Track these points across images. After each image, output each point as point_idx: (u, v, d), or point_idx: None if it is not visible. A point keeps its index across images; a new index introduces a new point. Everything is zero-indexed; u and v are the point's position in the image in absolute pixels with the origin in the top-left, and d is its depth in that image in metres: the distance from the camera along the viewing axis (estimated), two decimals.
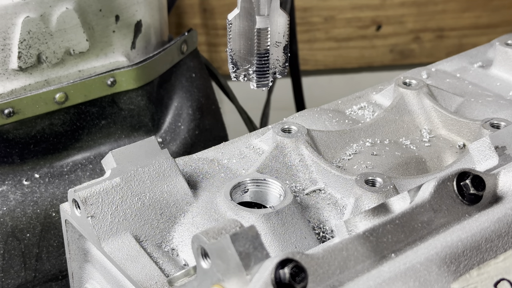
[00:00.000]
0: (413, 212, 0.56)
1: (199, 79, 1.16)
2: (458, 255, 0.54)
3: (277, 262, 0.47)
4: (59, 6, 0.95)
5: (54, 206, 0.98)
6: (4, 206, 0.95)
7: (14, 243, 0.95)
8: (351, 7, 2.09)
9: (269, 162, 0.76)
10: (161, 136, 1.10)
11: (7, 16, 0.92)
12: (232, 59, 0.62)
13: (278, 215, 0.67)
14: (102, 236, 0.66)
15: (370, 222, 0.57)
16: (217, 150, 0.81)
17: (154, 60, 1.06)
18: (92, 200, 0.67)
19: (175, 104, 1.13)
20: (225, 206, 0.69)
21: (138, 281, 0.63)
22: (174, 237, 0.69)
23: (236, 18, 0.60)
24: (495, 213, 0.58)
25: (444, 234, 0.56)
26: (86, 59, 1.01)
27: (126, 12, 1.03)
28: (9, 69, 0.95)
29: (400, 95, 0.86)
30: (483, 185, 0.58)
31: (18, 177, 0.98)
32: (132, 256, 0.65)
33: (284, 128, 0.78)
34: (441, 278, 0.52)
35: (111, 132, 1.05)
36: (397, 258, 0.53)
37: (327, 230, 0.71)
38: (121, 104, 1.04)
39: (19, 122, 0.96)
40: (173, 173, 0.71)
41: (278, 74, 0.63)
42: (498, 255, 0.55)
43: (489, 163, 0.65)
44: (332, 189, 0.74)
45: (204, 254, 0.51)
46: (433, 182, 0.57)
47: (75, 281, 0.77)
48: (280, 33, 0.62)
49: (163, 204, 0.70)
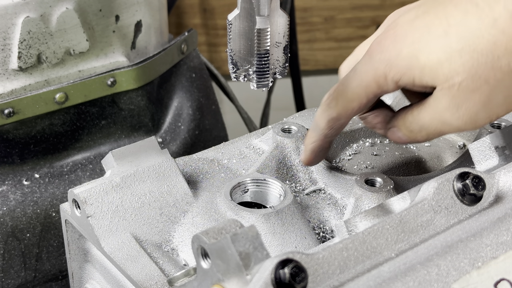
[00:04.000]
0: (413, 212, 0.56)
1: (199, 79, 1.16)
2: (458, 255, 0.54)
3: (277, 262, 0.47)
4: (59, 6, 0.95)
5: (54, 206, 0.98)
6: (4, 206, 0.95)
7: (14, 243, 0.95)
8: (351, 7, 2.10)
9: (269, 162, 0.76)
10: (161, 136, 1.09)
11: (7, 16, 0.92)
12: (232, 59, 0.62)
13: (278, 215, 0.67)
14: (102, 236, 0.66)
15: (370, 222, 0.57)
16: (217, 150, 0.81)
17: (154, 60, 1.06)
18: (92, 200, 0.67)
19: (175, 104, 1.13)
20: (225, 206, 0.69)
21: (138, 281, 0.63)
22: (174, 237, 0.69)
23: (236, 18, 0.60)
24: (495, 213, 0.58)
25: (444, 234, 0.56)
26: (86, 59, 1.01)
27: (126, 12, 1.03)
28: (9, 69, 0.94)
29: (400, 95, 0.86)
30: (483, 185, 0.58)
31: (18, 177, 0.98)
32: (132, 256, 0.65)
33: (284, 128, 0.78)
34: (441, 278, 0.52)
35: (111, 132, 1.05)
36: (397, 258, 0.53)
37: (327, 230, 0.71)
38: (121, 104, 1.04)
39: (19, 122, 0.96)
40: (173, 173, 0.71)
41: (278, 75, 0.63)
42: (498, 255, 0.55)
43: (489, 163, 0.65)
44: (332, 189, 0.74)
45: (204, 254, 0.51)
46: (433, 182, 0.57)
47: (75, 281, 0.77)
48: (280, 34, 0.62)
49: (163, 204, 0.70)
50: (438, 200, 0.57)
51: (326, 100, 0.66)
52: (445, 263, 0.53)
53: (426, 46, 0.60)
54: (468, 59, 0.59)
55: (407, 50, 0.61)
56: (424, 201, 0.56)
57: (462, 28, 0.59)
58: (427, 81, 0.61)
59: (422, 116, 0.63)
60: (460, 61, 0.59)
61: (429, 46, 0.60)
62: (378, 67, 0.62)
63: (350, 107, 0.65)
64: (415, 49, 0.61)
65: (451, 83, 0.60)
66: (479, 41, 0.58)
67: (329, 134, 0.68)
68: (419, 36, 0.61)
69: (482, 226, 0.57)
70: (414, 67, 0.61)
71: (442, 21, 0.60)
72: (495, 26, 0.58)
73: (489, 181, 0.59)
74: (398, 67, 0.61)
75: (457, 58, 0.59)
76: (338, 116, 0.66)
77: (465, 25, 0.59)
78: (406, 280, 0.51)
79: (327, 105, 0.66)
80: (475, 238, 0.55)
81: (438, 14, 0.61)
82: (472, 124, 0.61)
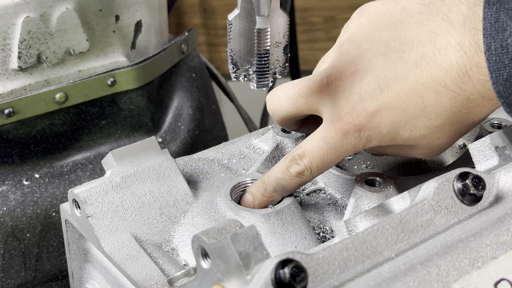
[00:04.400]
0: (413, 212, 0.56)
1: (199, 79, 1.16)
2: (458, 255, 0.54)
3: (277, 262, 0.47)
4: (59, 6, 0.95)
5: (54, 206, 0.98)
6: (4, 206, 0.95)
7: (14, 243, 0.95)
8: (351, 7, 2.09)
9: (269, 162, 0.76)
10: (161, 136, 1.09)
11: (7, 16, 0.92)
12: (232, 59, 0.62)
13: (278, 215, 0.67)
14: (102, 236, 0.66)
15: (370, 222, 0.57)
16: (217, 150, 0.81)
17: (154, 60, 1.05)
18: (92, 200, 0.67)
19: (175, 104, 1.13)
20: (225, 206, 0.69)
21: (138, 281, 0.63)
22: (174, 237, 0.69)
23: (236, 18, 0.60)
24: (495, 213, 0.58)
25: (444, 234, 0.56)
26: (86, 59, 1.01)
27: (126, 12, 1.03)
28: (9, 69, 0.94)
29: None
30: (483, 185, 0.58)
31: (18, 177, 0.98)
32: (132, 256, 0.65)
33: (284, 128, 0.78)
34: (441, 278, 0.52)
35: (111, 132, 1.05)
36: (397, 258, 0.53)
37: (327, 230, 0.71)
38: (121, 104, 1.04)
39: (19, 122, 0.96)
40: (173, 173, 0.71)
41: (278, 74, 0.63)
42: (498, 255, 0.55)
43: (489, 163, 0.65)
44: (332, 189, 0.74)
45: (204, 254, 0.51)
46: (433, 182, 0.57)
47: (75, 281, 0.77)
48: (280, 33, 0.62)
49: (163, 204, 0.70)
50: (438, 200, 0.57)
51: (298, 168, 0.67)
52: (445, 263, 0.53)
53: (406, 125, 0.64)
54: (449, 128, 0.64)
55: (387, 130, 0.64)
56: (424, 201, 0.56)
57: (438, 108, 0.62)
58: (406, 150, 0.67)
59: None
60: (442, 131, 0.64)
61: (410, 125, 0.64)
62: (357, 144, 0.65)
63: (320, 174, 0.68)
64: (396, 127, 0.64)
65: (431, 144, 0.65)
66: (456, 115, 0.63)
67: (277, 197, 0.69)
68: (397, 117, 0.63)
69: (482, 226, 0.57)
70: (396, 141, 0.65)
71: (417, 102, 0.62)
72: (469, 102, 0.62)
73: (489, 181, 0.59)
74: (380, 142, 0.65)
75: (439, 131, 0.64)
76: (305, 182, 0.68)
77: (440, 106, 0.62)
78: (406, 280, 0.51)
79: (300, 173, 0.67)
80: (475, 238, 0.55)
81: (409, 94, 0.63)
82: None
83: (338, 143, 0.65)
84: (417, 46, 0.62)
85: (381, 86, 0.63)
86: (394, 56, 0.63)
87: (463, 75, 0.60)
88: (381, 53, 0.63)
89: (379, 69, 0.63)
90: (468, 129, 0.65)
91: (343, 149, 0.65)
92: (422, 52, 0.62)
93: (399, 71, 0.63)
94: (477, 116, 0.63)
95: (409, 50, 0.63)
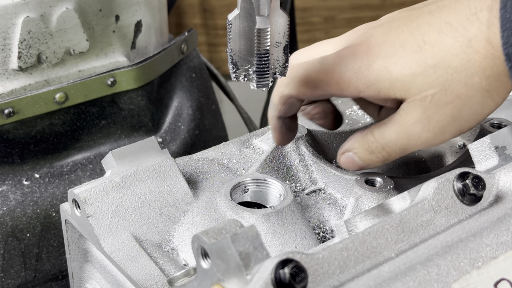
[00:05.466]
0: (413, 212, 0.56)
1: (199, 79, 1.16)
2: (458, 255, 0.54)
3: (277, 262, 0.47)
4: (59, 6, 0.95)
5: (54, 206, 0.98)
6: (4, 206, 0.95)
7: (14, 243, 0.95)
8: (351, 7, 2.10)
9: (269, 162, 0.76)
10: (161, 136, 1.10)
11: (7, 16, 0.92)
12: (232, 59, 0.62)
13: (278, 215, 0.67)
14: (102, 236, 0.66)
15: (370, 222, 0.57)
16: (217, 150, 0.81)
17: (154, 60, 1.06)
18: (92, 200, 0.67)
19: (175, 104, 1.13)
20: (225, 206, 0.69)
21: (138, 281, 0.63)
22: (174, 237, 0.69)
23: (236, 18, 0.60)
24: (495, 213, 0.58)
25: (444, 234, 0.56)
26: (86, 59, 1.01)
27: (126, 12, 1.03)
28: (9, 69, 0.95)
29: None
30: (483, 185, 0.58)
31: (18, 177, 0.98)
32: (132, 256, 0.65)
33: None
34: (441, 278, 0.52)
35: (111, 132, 1.05)
36: (397, 258, 0.53)
37: (327, 230, 0.71)
38: (121, 104, 1.04)
39: (19, 122, 0.96)
40: (173, 173, 0.71)
41: (278, 74, 0.63)
42: (498, 255, 0.55)
43: (489, 163, 0.65)
44: (332, 189, 0.74)
45: (204, 254, 0.51)
46: (433, 182, 0.57)
47: (75, 281, 0.77)
48: (280, 33, 0.62)
49: (163, 204, 0.70)
50: (438, 200, 0.57)
51: (285, 78, 0.66)
52: (445, 263, 0.53)
53: (399, 60, 0.61)
54: (442, 73, 0.60)
55: (379, 63, 0.62)
56: (424, 201, 0.56)
57: (437, 46, 0.60)
58: (395, 94, 0.62)
59: (386, 134, 0.64)
60: (434, 75, 0.61)
61: (403, 60, 0.61)
62: (345, 73, 0.63)
63: (301, 93, 0.66)
64: (388, 62, 0.62)
65: (424, 95, 0.61)
66: (454, 58, 0.60)
67: (283, 110, 0.69)
68: (392, 50, 0.62)
69: (482, 226, 0.57)
70: (384, 79, 0.62)
71: (416, 38, 0.61)
72: (469, 45, 0.59)
73: (489, 181, 0.59)
74: (366, 78, 0.62)
75: (431, 72, 0.61)
76: (288, 95, 0.67)
77: (439, 43, 0.60)
78: (406, 280, 0.51)
79: (283, 82, 0.67)
80: (475, 238, 0.56)
81: (413, 31, 0.62)
82: (440, 137, 0.63)
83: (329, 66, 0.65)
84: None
85: (391, 27, 0.63)
86: (416, 13, 0.64)
87: (471, 15, 0.59)
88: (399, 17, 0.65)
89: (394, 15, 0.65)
90: (462, 99, 0.61)
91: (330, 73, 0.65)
92: (440, 4, 0.62)
93: (412, 15, 0.63)
94: (472, 77, 0.59)
95: (428, 8, 0.63)
